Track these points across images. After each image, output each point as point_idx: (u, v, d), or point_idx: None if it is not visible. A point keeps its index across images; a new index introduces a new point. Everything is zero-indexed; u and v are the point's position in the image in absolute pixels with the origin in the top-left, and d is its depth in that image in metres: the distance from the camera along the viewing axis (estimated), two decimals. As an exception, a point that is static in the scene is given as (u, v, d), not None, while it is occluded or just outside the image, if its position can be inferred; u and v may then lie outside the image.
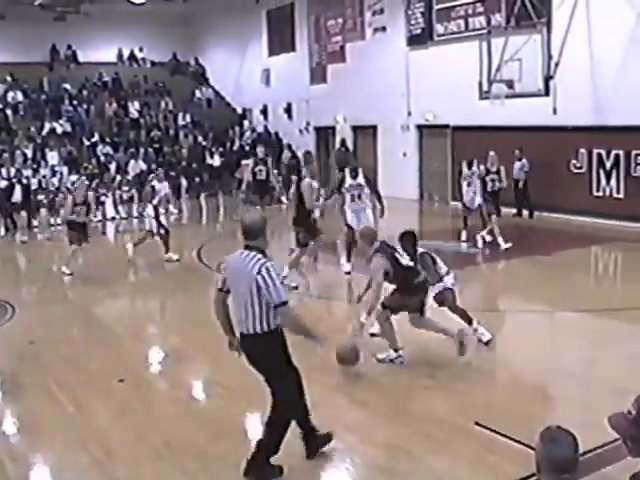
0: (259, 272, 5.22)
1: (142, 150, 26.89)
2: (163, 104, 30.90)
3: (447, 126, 21.28)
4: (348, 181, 12.69)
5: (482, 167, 15.12)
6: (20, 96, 28.80)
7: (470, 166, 15.13)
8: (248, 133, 30.19)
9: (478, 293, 11.66)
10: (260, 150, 18.07)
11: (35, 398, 7.38)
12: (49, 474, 5.94)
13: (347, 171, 12.79)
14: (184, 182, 25.52)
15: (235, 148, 28.99)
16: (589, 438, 5.33)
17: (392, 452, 5.69)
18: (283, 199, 23.92)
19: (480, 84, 18.06)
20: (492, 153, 15.21)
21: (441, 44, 20.92)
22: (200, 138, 29.08)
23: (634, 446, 3.24)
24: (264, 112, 30.40)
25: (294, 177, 25.10)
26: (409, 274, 7.84)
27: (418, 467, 5.66)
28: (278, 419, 5.51)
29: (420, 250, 8.36)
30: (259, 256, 5.33)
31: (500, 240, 14.22)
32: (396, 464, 5.66)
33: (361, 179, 12.70)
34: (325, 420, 5.79)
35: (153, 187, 14.45)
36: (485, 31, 18.69)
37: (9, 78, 29.14)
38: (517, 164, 18.26)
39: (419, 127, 22.82)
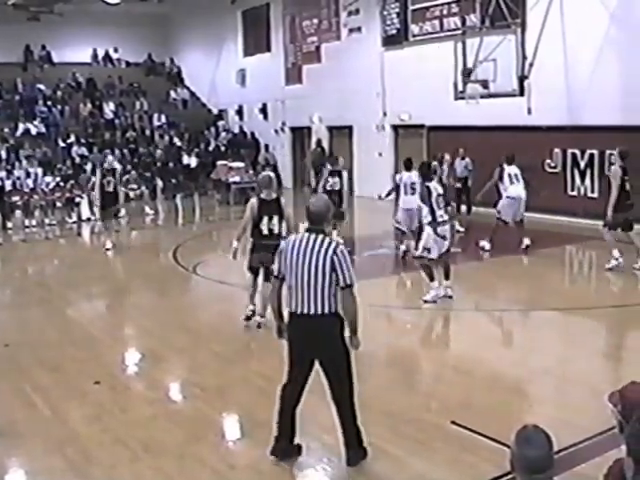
0: (335, 252, 5.38)
1: (117, 151, 26.71)
2: (138, 105, 30.76)
3: (422, 126, 21.35)
4: None
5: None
6: (-7, 97, 28.54)
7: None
8: (224, 134, 30.15)
9: (454, 293, 11.69)
10: (108, 161, 17.72)
11: (10, 401, 7.31)
12: (25, 478, 5.89)
13: None
14: (160, 183, 25.39)
15: (211, 149, 28.93)
16: (565, 436, 5.39)
17: (369, 452, 5.69)
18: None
19: (455, 84, 18.11)
20: None
21: (416, 44, 20.98)
22: (175, 139, 28.97)
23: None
24: (239, 112, 30.39)
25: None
26: None
27: (396, 467, 5.66)
28: (352, 397, 5.60)
29: None
30: (329, 238, 5.54)
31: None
32: (374, 464, 5.65)
33: None
34: (301, 420, 5.79)
35: None
36: (460, 31, 18.75)
37: (-18, 79, 28.85)
38: (462, 162, 18.13)
39: (394, 127, 22.89)
